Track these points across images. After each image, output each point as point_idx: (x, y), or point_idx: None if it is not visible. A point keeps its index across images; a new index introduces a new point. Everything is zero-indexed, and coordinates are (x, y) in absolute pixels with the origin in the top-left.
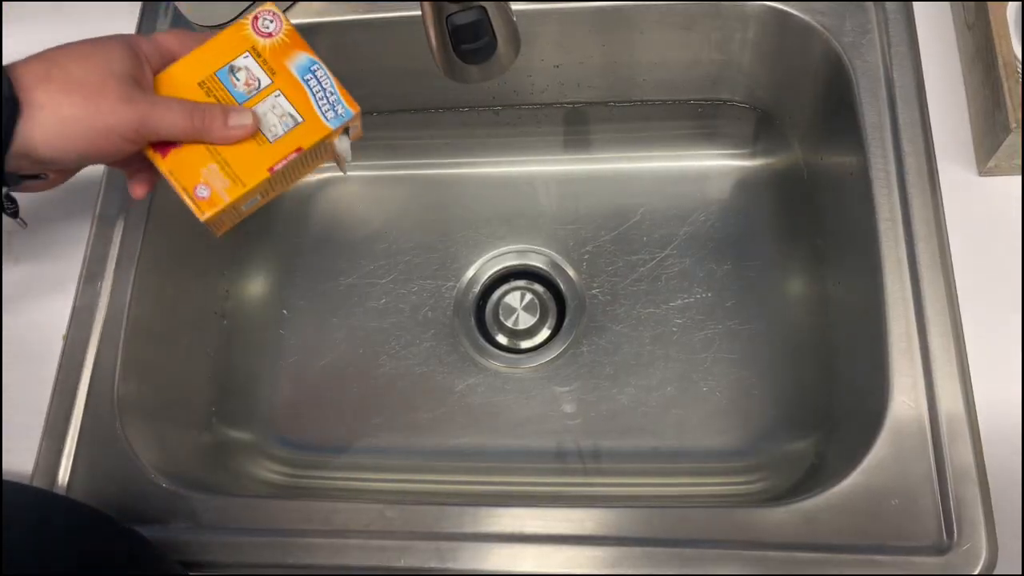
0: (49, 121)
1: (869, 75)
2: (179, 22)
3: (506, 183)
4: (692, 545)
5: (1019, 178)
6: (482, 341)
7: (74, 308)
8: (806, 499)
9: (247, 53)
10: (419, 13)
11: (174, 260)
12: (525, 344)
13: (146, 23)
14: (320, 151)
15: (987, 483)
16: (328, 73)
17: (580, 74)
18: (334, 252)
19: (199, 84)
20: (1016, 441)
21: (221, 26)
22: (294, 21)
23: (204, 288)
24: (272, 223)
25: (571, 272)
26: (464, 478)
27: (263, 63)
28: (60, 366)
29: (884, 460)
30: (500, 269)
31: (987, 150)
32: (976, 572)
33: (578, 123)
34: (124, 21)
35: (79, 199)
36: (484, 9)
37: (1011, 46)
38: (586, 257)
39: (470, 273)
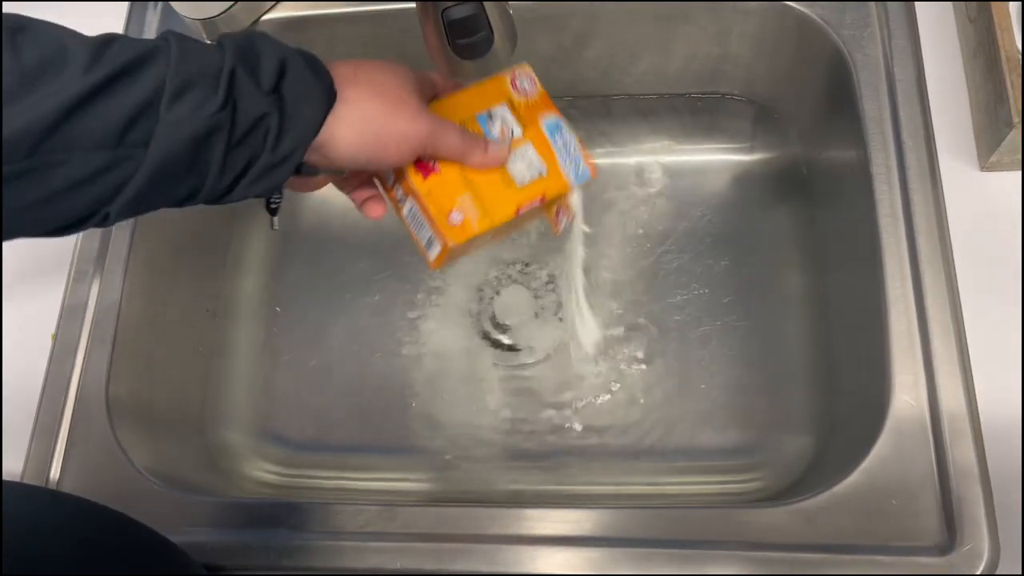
0: (353, 117)
1: (869, 69)
2: (167, 21)
3: None
4: (691, 546)
5: (1021, 174)
6: (477, 338)
7: (63, 307)
8: (806, 499)
9: (504, 104)
10: (412, 5)
11: (165, 258)
12: (520, 341)
13: (134, 21)
14: (551, 204)
15: (989, 482)
16: (572, 133)
17: (576, 68)
18: (327, 249)
19: (460, 121)
20: (1018, 440)
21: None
22: (283, 13)
23: (195, 286)
24: (264, 219)
25: (567, 265)
26: (460, 478)
27: (517, 116)
28: (50, 365)
29: (885, 459)
30: (496, 265)
31: (989, 145)
32: (978, 572)
33: (574, 118)
34: (111, 19)
35: None
36: (480, 3)
37: (1014, 40)
38: (581, 250)
39: (465, 269)
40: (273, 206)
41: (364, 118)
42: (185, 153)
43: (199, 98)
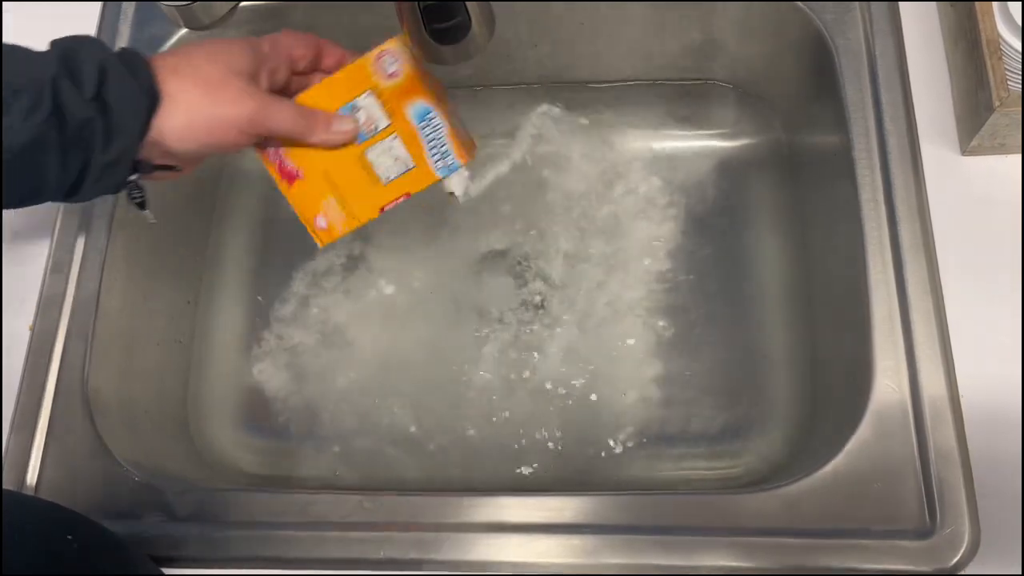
0: (178, 111)
1: (851, 53)
2: (140, 20)
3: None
4: (674, 532)
5: (1001, 158)
6: (461, 326)
7: (41, 298)
8: (789, 484)
9: (369, 92)
10: None
11: (144, 248)
12: (505, 331)
13: (106, 23)
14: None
15: (970, 466)
16: (443, 121)
17: (559, 54)
18: (308, 237)
19: None
20: (998, 424)
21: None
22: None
23: (176, 276)
24: (244, 207)
25: (552, 253)
26: (442, 467)
27: (383, 104)
28: (28, 357)
29: (867, 444)
30: (480, 252)
31: (970, 130)
32: (959, 555)
33: (557, 104)
34: (85, 21)
35: None
36: None
37: (995, 24)
38: (567, 239)
39: (450, 254)
40: (136, 200)
41: (188, 110)
42: (22, 154)
43: (27, 106)
